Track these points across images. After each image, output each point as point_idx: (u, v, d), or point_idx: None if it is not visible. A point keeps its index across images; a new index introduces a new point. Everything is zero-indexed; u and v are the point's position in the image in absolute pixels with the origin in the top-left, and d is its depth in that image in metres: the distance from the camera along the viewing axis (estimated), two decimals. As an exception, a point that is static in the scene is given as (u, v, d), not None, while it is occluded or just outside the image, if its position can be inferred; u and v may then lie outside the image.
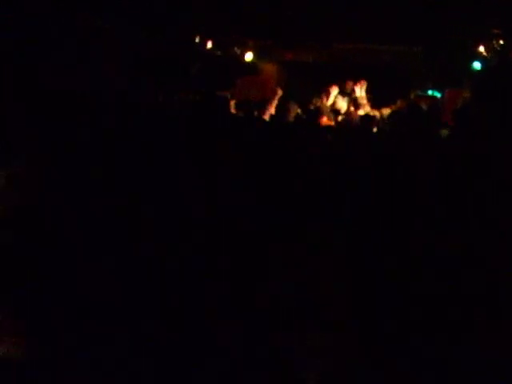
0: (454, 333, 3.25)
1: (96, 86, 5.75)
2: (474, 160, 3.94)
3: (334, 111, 6.89)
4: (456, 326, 3.27)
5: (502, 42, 8.93)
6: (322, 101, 8.04)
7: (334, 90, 8.01)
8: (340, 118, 7.16)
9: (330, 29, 8.94)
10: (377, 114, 7.10)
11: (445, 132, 5.37)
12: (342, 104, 7.47)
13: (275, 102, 6.90)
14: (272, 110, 6.58)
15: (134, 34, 7.84)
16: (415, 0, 7.65)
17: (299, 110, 7.27)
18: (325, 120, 6.82)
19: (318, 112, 7.15)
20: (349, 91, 8.11)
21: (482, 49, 9.36)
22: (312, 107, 7.67)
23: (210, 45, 9.63)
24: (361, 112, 7.30)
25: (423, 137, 4.59)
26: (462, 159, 4.02)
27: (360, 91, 7.82)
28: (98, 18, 7.03)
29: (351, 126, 5.67)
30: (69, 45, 6.30)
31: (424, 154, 4.18)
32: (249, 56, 10.20)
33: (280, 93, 7.39)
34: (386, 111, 6.96)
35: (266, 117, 6.42)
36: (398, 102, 8.06)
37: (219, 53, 10.07)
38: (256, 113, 6.31)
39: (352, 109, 7.46)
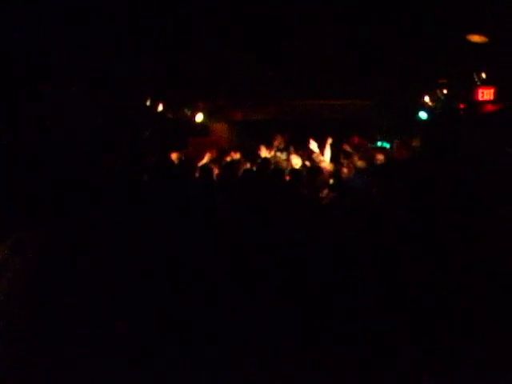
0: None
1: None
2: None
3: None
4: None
5: (445, 91, 9.19)
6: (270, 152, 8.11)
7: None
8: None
9: (278, 87, 9.07)
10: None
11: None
12: (297, 160, 7.52)
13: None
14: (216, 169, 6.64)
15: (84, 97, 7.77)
16: (361, 54, 7.82)
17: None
18: None
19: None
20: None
21: (427, 99, 9.62)
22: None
23: (160, 107, 9.62)
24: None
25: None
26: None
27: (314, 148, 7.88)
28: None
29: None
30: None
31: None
32: (199, 117, 10.25)
33: (209, 154, 7.61)
34: None
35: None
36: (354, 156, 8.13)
37: (170, 115, 10.06)
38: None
39: (307, 163, 7.51)
